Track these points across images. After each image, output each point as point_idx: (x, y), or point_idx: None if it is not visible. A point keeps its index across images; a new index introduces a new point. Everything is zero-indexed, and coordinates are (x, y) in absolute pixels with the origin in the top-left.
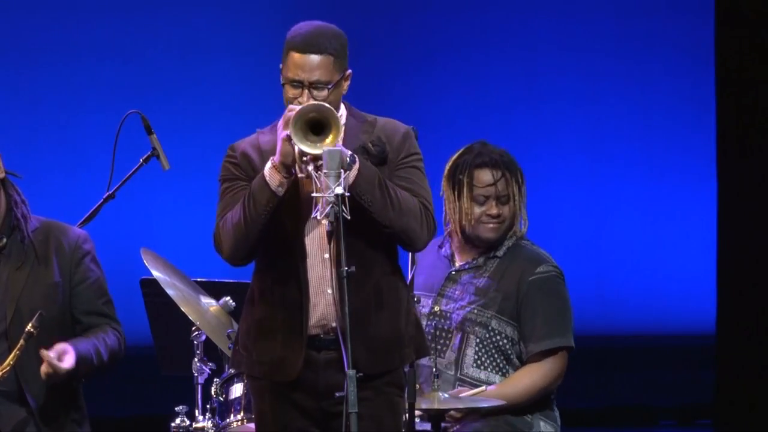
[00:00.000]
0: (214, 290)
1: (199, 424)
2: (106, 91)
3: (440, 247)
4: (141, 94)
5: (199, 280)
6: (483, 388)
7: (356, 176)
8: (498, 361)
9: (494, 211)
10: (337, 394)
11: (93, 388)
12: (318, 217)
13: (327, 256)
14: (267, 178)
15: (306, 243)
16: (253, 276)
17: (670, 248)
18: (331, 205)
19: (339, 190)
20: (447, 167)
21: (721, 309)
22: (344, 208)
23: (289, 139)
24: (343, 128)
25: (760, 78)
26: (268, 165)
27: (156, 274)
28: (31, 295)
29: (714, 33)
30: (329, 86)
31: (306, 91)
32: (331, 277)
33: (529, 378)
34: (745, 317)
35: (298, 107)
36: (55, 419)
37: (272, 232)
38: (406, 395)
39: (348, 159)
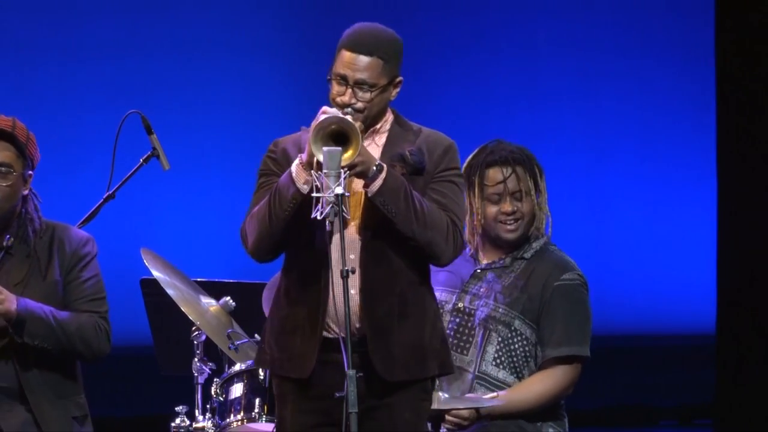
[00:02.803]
0: (214, 290)
1: (199, 424)
2: (106, 91)
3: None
4: (141, 94)
5: (199, 280)
6: (495, 394)
7: (381, 185)
8: (516, 361)
9: (508, 208)
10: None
11: (93, 388)
12: (319, 218)
13: (353, 256)
14: (293, 175)
15: (332, 243)
16: (281, 274)
17: (670, 248)
18: (331, 205)
19: (339, 190)
20: (462, 169)
21: (721, 309)
22: (344, 208)
23: None
24: (380, 134)
25: (760, 77)
26: (296, 162)
27: (156, 274)
28: (33, 292)
29: (714, 33)
30: (374, 89)
31: (350, 89)
32: (358, 279)
33: (540, 385)
34: (745, 317)
35: (328, 112)
36: (56, 417)
37: (298, 231)
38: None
39: (375, 168)
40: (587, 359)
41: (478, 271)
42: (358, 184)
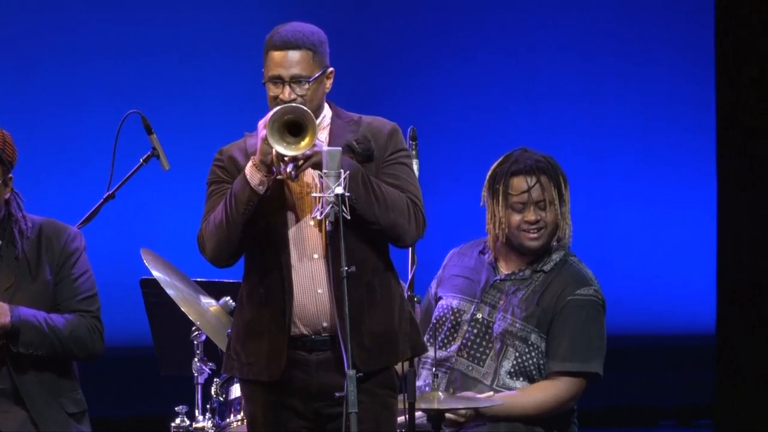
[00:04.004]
0: (214, 290)
1: (199, 424)
2: (106, 91)
3: (482, 252)
4: (141, 94)
5: (199, 280)
6: (490, 393)
7: None
8: (533, 374)
9: (532, 217)
10: (336, 395)
11: (93, 388)
12: (319, 217)
13: (317, 255)
14: (248, 177)
15: (291, 243)
16: (242, 278)
17: (669, 248)
18: (331, 205)
19: (339, 190)
20: (486, 177)
21: (721, 309)
22: (344, 208)
23: (266, 139)
24: (321, 129)
25: (760, 78)
26: (249, 164)
27: (156, 274)
28: (24, 295)
29: (714, 33)
30: (309, 80)
31: (287, 86)
32: (329, 277)
33: (542, 393)
34: (745, 317)
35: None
36: (53, 417)
37: (257, 233)
38: (405, 396)
39: None
40: (597, 376)
41: (498, 281)
42: (310, 176)
